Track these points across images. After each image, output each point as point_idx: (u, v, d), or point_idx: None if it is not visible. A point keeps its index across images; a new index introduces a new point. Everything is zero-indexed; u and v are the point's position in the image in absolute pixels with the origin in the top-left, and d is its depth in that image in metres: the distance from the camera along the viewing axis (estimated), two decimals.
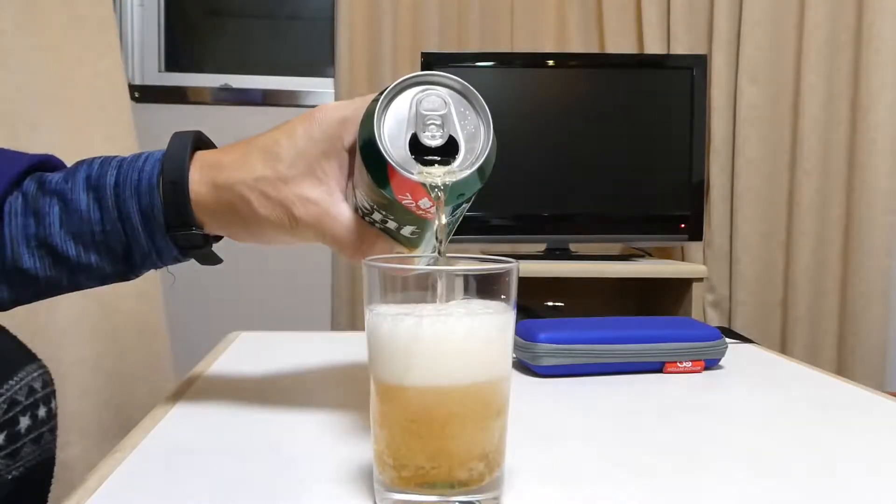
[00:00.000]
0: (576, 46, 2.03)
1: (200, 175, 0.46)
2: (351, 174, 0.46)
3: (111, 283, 0.49)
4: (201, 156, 0.47)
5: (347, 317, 2.01)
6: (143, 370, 1.33)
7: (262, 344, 0.77)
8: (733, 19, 1.99)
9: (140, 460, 0.42)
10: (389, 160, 0.40)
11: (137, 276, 0.50)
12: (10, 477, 0.40)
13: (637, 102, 1.82)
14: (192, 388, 0.58)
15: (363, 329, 0.37)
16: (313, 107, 0.46)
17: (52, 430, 0.46)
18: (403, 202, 0.41)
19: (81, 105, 1.23)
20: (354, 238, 0.45)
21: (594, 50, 2.04)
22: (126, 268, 0.48)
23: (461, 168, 0.41)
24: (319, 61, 2.13)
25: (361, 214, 0.46)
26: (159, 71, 2.14)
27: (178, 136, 0.48)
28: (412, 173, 0.40)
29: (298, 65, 2.19)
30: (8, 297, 0.48)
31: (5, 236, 0.47)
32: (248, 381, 0.61)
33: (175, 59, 2.18)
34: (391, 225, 0.45)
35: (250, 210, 0.45)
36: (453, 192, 0.40)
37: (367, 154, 0.41)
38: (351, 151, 0.45)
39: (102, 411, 1.22)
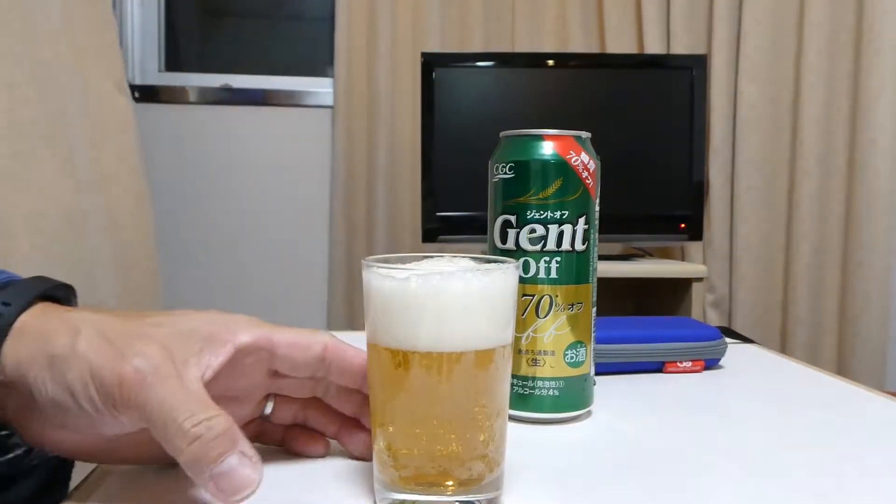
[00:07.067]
0: (576, 46, 2.03)
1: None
2: None
3: None
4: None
5: (344, 317, 2.01)
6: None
7: None
8: (733, 19, 1.99)
9: None
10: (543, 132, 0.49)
11: None
12: (33, 465, 0.39)
13: (637, 102, 1.82)
14: None
15: (360, 329, 0.36)
16: (313, 107, 0.45)
17: None
18: (571, 161, 0.49)
19: (90, 126, 1.25)
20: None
21: (594, 50, 2.04)
22: None
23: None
24: (319, 61, 2.13)
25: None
26: (159, 71, 2.15)
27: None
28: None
29: (298, 65, 2.19)
30: None
31: None
32: None
33: (175, 59, 2.18)
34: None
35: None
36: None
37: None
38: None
39: None
